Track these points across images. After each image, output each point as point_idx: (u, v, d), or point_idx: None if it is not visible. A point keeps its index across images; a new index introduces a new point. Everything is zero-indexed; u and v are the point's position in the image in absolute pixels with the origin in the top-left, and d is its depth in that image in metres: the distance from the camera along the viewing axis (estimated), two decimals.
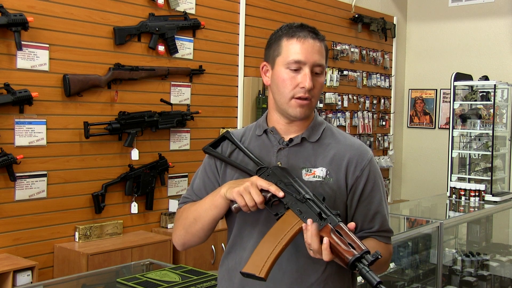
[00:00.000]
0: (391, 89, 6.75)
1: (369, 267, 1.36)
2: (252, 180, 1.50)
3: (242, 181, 1.52)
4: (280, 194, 1.48)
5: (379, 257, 1.37)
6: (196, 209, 1.63)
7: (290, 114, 1.60)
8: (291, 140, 1.63)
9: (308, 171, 1.59)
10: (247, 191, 1.48)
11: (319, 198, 1.47)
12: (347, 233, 1.40)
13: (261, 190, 1.49)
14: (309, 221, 1.41)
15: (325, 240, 1.39)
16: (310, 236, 1.40)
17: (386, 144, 6.61)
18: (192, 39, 4.41)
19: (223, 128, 4.65)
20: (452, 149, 5.09)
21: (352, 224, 1.43)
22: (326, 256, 1.39)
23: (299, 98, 1.57)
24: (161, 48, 4.16)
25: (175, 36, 4.22)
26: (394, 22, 6.76)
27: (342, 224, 1.41)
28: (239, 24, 4.80)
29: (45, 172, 3.55)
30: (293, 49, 1.57)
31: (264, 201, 1.48)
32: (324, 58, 1.61)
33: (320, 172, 1.59)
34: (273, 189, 1.48)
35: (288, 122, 1.64)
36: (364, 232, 1.60)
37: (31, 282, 3.16)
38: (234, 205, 1.52)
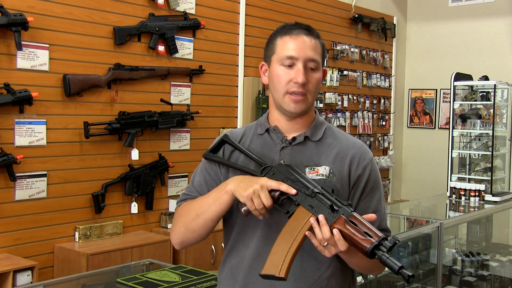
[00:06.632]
0: (391, 89, 6.75)
1: (388, 253, 1.35)
2: (262, 182, 1.48)
3: (251, 180, 1.51)
4: (293, 191, 1.48)
5: (397, 242, 1.37)
6: (199, 205, 1.61)
7: (285, 110, 1.61)
8: (294, 138, 1.64)
9: (311, 169, 1.60)
10: (257, 195, 1.47)
11: (328, 191, 1.47)
12: (362, 222, 1.40)
13: (271, 190, 1.48)
14: (320, 216, 1.41)
15: (335, 231, 1.38)
16: (323, 230, 1.39)
17: (386, 144, 6.61)
18: (192, 39, 4.41)
19: (223, 128, 4.65)
20: (452, 149, 5.09)
21: (372, 216, 1.44)
22: (341, 246, 1.39)
23: (293, 93, 1.58)
24: (161, 48, 4.16)
25: (175, 36, 4.22)
26: (394, 22, 6.75)
27: (355, 214, 1.41)
28: (239, 24, 4.80)
29: (45, 172, 3.55)
30: (286, 45, 1.59)
31: (273, 203, 1.48)
32: (319, 54, 1.61)
33: (323, 170, 1.59)
34: (284, 188, 1.48)
35: (288, 120, 1.64)
36: None
37: (31, 282, 3.16)
38: (244, 208, 1.50)
